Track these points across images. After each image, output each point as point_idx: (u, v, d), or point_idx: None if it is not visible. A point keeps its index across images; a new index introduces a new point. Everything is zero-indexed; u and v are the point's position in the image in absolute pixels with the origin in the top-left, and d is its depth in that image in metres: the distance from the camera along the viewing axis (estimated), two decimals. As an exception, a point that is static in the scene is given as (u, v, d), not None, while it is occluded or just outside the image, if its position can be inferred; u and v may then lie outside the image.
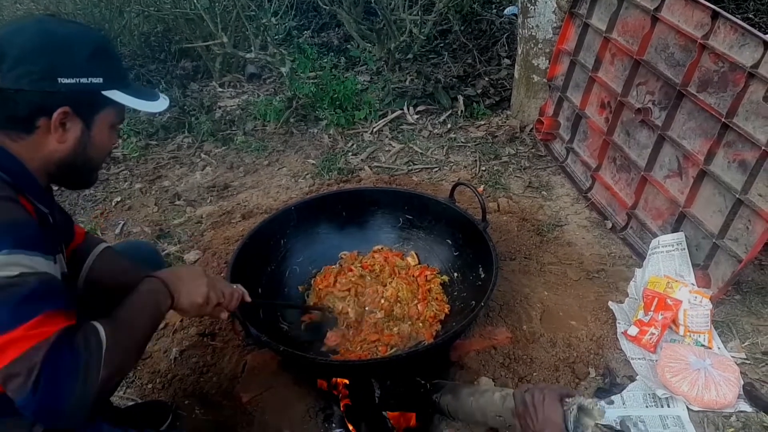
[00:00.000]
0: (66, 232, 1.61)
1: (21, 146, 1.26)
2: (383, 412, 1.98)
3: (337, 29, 5.34)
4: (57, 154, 1.30)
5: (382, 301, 2.30)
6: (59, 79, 1.23)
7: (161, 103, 1.43)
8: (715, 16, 2.31)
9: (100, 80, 1.28)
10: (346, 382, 2.02)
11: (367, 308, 2.31)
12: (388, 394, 2.01)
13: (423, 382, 2.03)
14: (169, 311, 1.50)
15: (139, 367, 2.26)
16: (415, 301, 2.32)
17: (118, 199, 3.33)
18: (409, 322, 2.26)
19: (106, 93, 1.30)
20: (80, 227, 1.72)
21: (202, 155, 3.71)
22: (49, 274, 1.17)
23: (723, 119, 2.26)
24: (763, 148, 2.12)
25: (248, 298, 1.79)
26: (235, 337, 2.35)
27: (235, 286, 1.75)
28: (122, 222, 3.12)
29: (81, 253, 1.67)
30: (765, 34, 2.17)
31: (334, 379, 2.05)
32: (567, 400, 1.53)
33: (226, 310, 1.69)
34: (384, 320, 2.25)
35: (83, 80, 1.25)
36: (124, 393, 2.16)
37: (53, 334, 1.10)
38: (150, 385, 2.20)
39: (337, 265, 2.53)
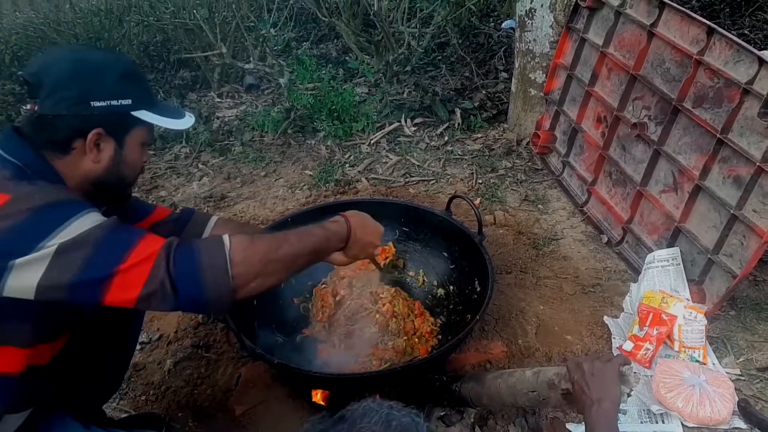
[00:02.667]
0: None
1: (59, 166, 1.35)
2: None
3: (335, 41, 5.37)
4: (93, 174, 1.38)
5: (377, 315, 2.29)
6: (92, 102, 1.32)
7: (187, 120, 1.51)
8: (710, 32, 2.32)
9: (129, 102, 1.37)
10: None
11: (359, 324, 2.30)
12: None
13: (437, 376, 2.06)
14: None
15: (132, 379, 2.25)
16: (411, 316, 2.31)
17: (115, 208, 3.32)
18: (405, 337, 2.25)
19: (135, 113, 1.39)
20: (164, 208, 1.81)
21: (200, 165, 3.72)
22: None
23: (718, 135, 2.28)
24: (757, 164, 2.13)
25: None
26: (229, 349, 2.34)
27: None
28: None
29: (178, 222, 1.79)
30: (761, 50, 2.19)
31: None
32: (623, 368, 1.50)
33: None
34: (378, 334, 2.24)
35: (114, 102, 1.35)
36: (117, 404, 2.15)
37: (161, 248, 1.19)
38: (143, 397, 2.19)
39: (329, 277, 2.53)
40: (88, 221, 1.19)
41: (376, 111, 4.09)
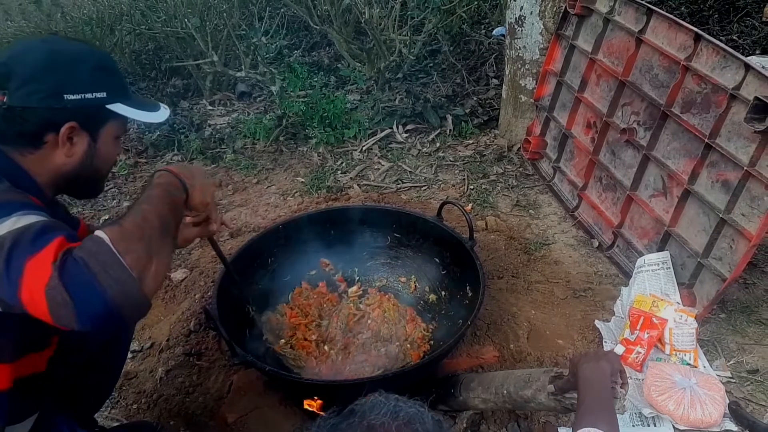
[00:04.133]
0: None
1: (29, 161, 1.31)
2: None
3: (327, 48, 5.39)
4: (65, 168, 1.35)
5: (369, 321, 2.29)
6: (66, 95, 1.28)
7: (162, 113, 1.47)
8: (697, 38, 2.35)
9: (104, 94, 1.33)
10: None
11: (352, 331, 2.30)
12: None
13: None
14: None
15: (123, 387, 2.24)
16: (403, 322, 2.32)
17: (106, 216, 3.32)
18: (397, 343, 2.25)
19: (110, 106, 1.35)
20: (83, 222, 1.74)
21: (191, 173, 3.71)
22: (53, 220, 1.18)
23: (706, 140, 2.30)
24: (745, 168, 2.15)
25: (231, 226, 1.72)
26: (221, 356, 2.34)
27: None
28: (110, 240, 3.11)
29: None
30: (749, 55, 2.21)
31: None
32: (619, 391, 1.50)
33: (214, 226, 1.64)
34: (371, 340, 2.24)
35: (88, 95, 1.31)
36: (109, 413, 2.15)
37: (57, 258, 1.07)
38: (135, 406, 2.18)
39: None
40: (21, 222, 1.11)
41: (368, 118, 4.11)
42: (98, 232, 1.13)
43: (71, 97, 1.28)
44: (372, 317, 2.31)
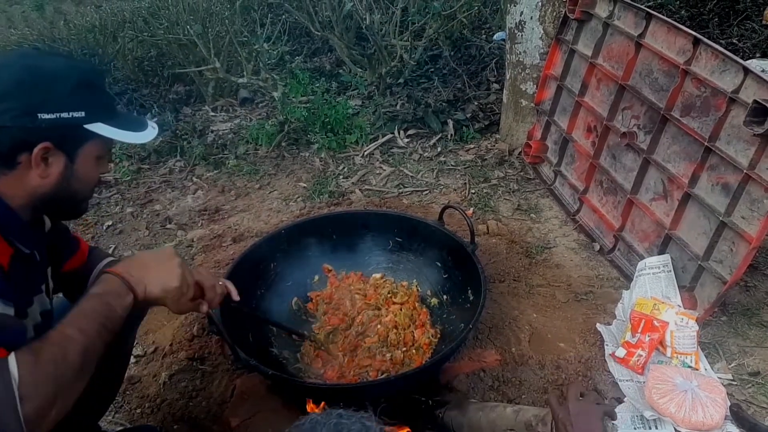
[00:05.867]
0: (61, 254, 1.59)
1: (3, 182, 1.25)
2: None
3: (329, 54, 5.41)
4: (40, 189, 1.28)
5: (379, 326, 2.30)
6: (39, 114, 1.21)
7: (148, 133, 1.40)
8: (696, 42, 2.36)
9: (82, 114, 1.27)
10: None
11: (362, 334, 2.31)
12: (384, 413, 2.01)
13: (423, 398, 2.06)
14: (140, 304, 1.37)
15: (127, 392, 2.25)
16: (412, 327, 2.32)
17: (109, 223, 3.33)
18: (404, 349, 2.25)
19: (88, 126, 1.29)
20: (85, 243, 1.70)
21: (194, 179, 3.74)
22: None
23: (706, 143, 2.31)
24: (744, 171, 2.16)
25: (235, 297, 1.70)
26: (224, 361, 2.35)
27: (220, 281, 1.66)
28: (113, 246, 3.13)
29: (85, 271, 1.64)
30: (749, 59, 2.22)
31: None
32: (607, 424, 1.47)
33: (209, 305, 1.58)
34: (378, 345, 2.25)
35: (64, 115, 1.24)
36: (112, 418, 2.16)
37: None
38: (139, 410, 2.19)
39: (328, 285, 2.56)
40: None
41: (370, 123, 4.13)
42: (11, 361, 1.06)
43: (45, 116, 1.22)
44: (383, 322, 2.31)
